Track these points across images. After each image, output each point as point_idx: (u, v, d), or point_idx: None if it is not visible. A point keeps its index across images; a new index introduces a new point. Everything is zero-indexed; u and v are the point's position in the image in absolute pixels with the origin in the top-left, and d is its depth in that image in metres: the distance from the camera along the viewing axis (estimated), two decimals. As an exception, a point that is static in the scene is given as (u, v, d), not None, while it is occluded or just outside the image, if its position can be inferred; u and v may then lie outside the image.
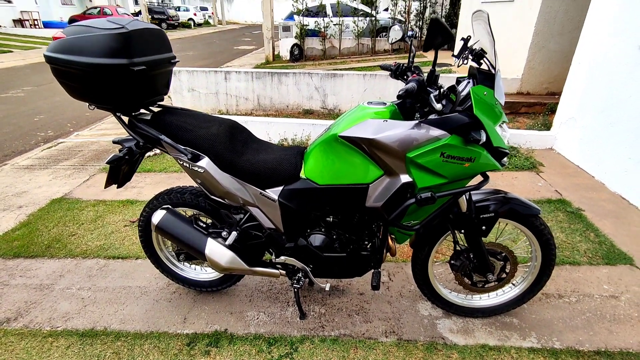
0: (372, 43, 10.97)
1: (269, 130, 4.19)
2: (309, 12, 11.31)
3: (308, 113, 5.54)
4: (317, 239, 1.71)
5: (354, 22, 10.73)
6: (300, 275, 1.76)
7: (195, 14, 30.62)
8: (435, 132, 1.35)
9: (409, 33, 1.61)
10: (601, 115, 3.32)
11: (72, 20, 20.86)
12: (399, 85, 5.15)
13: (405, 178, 1.42)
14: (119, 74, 1.45)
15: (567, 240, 2.53)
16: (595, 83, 3.44)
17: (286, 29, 10.98)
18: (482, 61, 1.42)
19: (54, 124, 5.84)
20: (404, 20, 10.90)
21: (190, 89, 5.52)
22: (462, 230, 1.65)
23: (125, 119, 1.68)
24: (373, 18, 10.76)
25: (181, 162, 1.65)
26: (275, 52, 11.29)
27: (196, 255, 1.72)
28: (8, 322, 1.99)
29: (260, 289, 2.18)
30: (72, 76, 1.48)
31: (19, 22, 20.26)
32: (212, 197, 1.72)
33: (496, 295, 1.91)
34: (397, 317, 1.95)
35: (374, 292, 2.13)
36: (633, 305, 1.99)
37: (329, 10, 11.24)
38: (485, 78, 1.40)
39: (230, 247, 1.73)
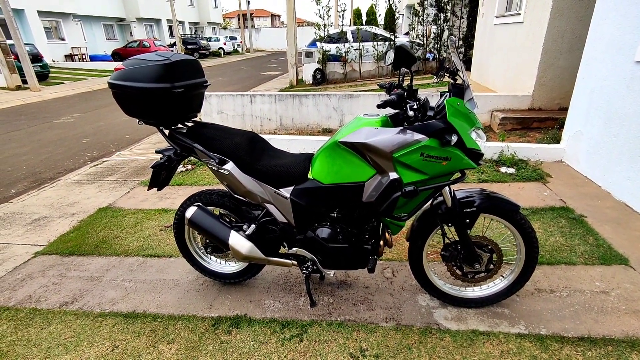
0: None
1: (289, 147, 4.56)
2: (330, 39, 11.93)
3: (327, 131, 5.91)
4: (323, 231, 1.98)
5: (374, 47, 11.22)
6: (309, 264, 2.03)
7: (225, 44, 32.52)
8: (416, 136, 1.63)
9: (428, 55, 1.93)
10: (605, 127, 3.45)
11: (115, 53, 22.77)
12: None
13: (393, 175, 1.69)
14: (163, 95, 1.83)
15: (566, 243, 2.67)
16: (598, 97, 3.58)
17: (309, 54, 11.61)
18: (456, 77, 1.70)
19: (98, 145, 6.50)
20: (422, 43, 11.28)
21: (219, 112, 6.04)
22: (451, 224, 1.88)
23: (166, 132, 2.07)
24: (392, 42, 11.20)
25: (210, 166, 2.00)
26: (299, 77, 11.91)
27: (221, 245, 2.03)
28: (66, 304, 2.36)
29: (277, 281, 2.46)
30: (128, 98, 1.88)
31: (70, 57, 22.32)
32: (235, 195, 2.05)
33: (487, 287, 2.09)
34: (398, 306, 2.17)
35: (378, 285, 2.36)
36: (622, 299, 2.11)
37: (349, 36, 11.82)
38: (459, 91, 1.67)
39: (249, 238, 2.03)
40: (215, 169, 1.97)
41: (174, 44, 25.31)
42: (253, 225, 2.04)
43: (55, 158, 5.87)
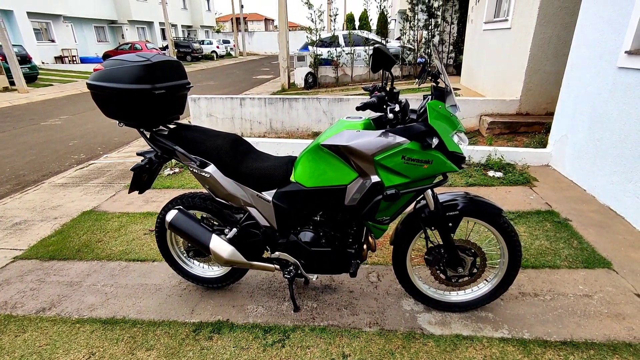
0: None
1: (278, 150, 4.53)
2: (322, 43, 11.97)
3: (317, 135, 5.90)
4: (306, 235, 1.96)
5: (365, 51, 11.27)
6: (291, 268, 2.01)
7: (218, 47, 32.47)
8: (397, 139, 1.62)
9: (419, 60, 1.92)
10: (589, 132, 3.49)
11: (106, 55, 22.57)
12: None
13: (375, 178, 1.68)
14: (143, 97, 1.80)
15: (551, 247, 2.68)
16: (582, 102, 3.63)
17: (301, 58, 11.63)
18: (438, 81, 1.70)
19: (86, 148, 6.41)
20: (413, 48, 11.37)
21: (208, 114, 5.99)
22: (434, 228, 1.87)
23: (147, 134, 2.03)
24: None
25: (192, 169, 1.97)
26: (291, 81, 11.91)
27: (202, 249, 2.00)
28: (43, 310, 2.29)
29: (260, 286, 2.43)
30: (107, 99, 1.84)
31: (60, 59, 22.07)
32: (217, 199, 2.01)
33: (471, 291, 2.08)
34: (382, 311, 2.15)
35: (362, 289, 2.34)
36: (604, 303, 2.12)
37: (341, 41, 11.86)
38: (441, 94, 1.67)
39: (231, 242, 2.00)
40: (197, 171, 1.94)
41: (167, 46, 25.19)
42: (235, 229, 2.01)
43: (41, 160, 5.77)
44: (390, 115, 1.59)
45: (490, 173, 4.05)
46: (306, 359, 1.85)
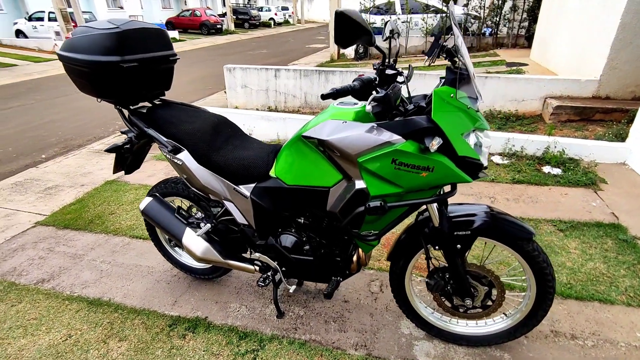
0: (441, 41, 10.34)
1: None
2: (378, 10, 11.11)
3: (354, 112, 5.47)
4: (287, 239, 1.69)
5: (423, 19, 10.25)
6: (269, 274, 1.76)
7: (276, 14, 32.03)
8: (387, 136, 1.24)
9: (485, 30, 1.49)
10: (686, 127, 2.72)
11: (169, 22, 23.32)
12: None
13: (359, 184, 1.33)
14: (112, 71, 1.59)
15: (607, 273, 2.14)
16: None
17: (352, 27, 10.89)
18: (455, 59, 1.26)
19: (131, 115, 6.61)
20: (479, 16, 10.09)
21: (243, 86, 5.81)
22: (437, 247, 1.49)
23: (125, 112, 1.84)
24: (444, 14, 10.15)
25: (165, 154, 1.76)
26: (341, 51, 11.30)
27: (177, 242, 1.82)
28: (42, 282, 2.32)
29: (250, 283, 2.23)
30: (76, 72, 1.66)
31: (127, 25, 23.23)
32: (192, 189, 1.80)
33: (485, 323, 1.69)
34: (375, 330, 1.85)
35: (359, 300, 2.05)
36: (669, 362, 1.61)
37: (397, 8, 10.90)
38: (457, 79, 1.24)
39: (208, 239, 1.80)
40: (169, 157, 1.73)
41: (225, 13, 25.34)
42: (208, 225, 1.79)
43: (89, 125, 6.05)
44: (368, 108, 1.20)
45: (546, 169, 3.40)
46: (275, 378, 1.63)
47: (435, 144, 1.18)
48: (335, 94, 1.22)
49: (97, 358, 1.78)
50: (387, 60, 1.38)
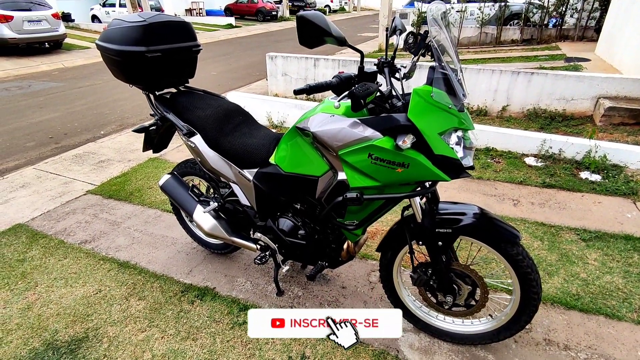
0: (497, 32, 9.74)
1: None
2: (432, -2, 10.65)
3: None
4: (284, 223, 1.80)
5: (479, 9, 9.69)
6: (267, 253, 1.89)
7: (331, 1, 31.86)
8: (367, 132, 1.29)
9: (549, 20, 1.51)
10: None
11: (227, 8, 24.14)
12: (479, 79, 4.61)
13: (341, 176, 1.41)
14: (138, 59, 1.79)
15: (624, 288, 2.01)
16: None
17: (403, 16, 10.63)
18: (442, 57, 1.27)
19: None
20: (543, 5, 9.31)
21: (284, 74, 5.97)
22: (420, 243, 1.53)
23: (152, 97, 2.05)
24: (503, 4, 9.51)
25: (181, 137, 1.94)
26: (390, 41, 11.04)
27: (189, 217, 2.02)
28: (85, 243, 2.67)
29: (258, 261, 2.40)
30: (110, 60, 1.89)
31: (189, 11, 24.42)
32: (204, 170, 1.97)
33: (471, 323, 1.70)
34: (364, 317, 1.92)
35: (356, 288, 2.13)
36: (668, 386, 1.52)
37: (453, -5, 10.41)
38: (440, 77, 1.25)
39: (216, 216, 1.97)
40: (185, 139, 1.91)
41: (281, 1, 25.69)
42: (215, 204, 1.96)
43: (145, 105, 6.56)
44: (337, 104, 1.26)
45: (584, 174, 3.18)
46: (264, 349, 1.78)
47: (407, 141, 1.21)
48: (309, 90, 1.29)
49: (119, 312, 2.04)
50: (386, 57, 1.43)
